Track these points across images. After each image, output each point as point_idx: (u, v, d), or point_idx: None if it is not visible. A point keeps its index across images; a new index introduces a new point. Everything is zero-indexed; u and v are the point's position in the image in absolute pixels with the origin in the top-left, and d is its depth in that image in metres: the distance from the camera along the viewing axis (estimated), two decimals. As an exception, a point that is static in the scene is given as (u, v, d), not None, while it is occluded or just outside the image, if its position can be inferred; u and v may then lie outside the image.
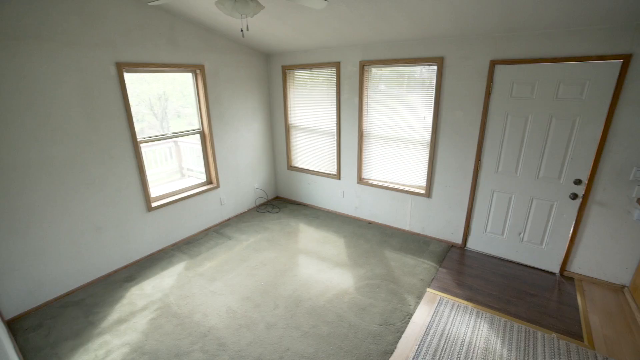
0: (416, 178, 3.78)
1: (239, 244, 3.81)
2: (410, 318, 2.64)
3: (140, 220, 3.45)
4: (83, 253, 3.06)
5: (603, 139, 2.69)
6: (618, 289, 2.96)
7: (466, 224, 3.55)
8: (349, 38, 3.48)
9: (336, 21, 3.03)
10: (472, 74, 3.09)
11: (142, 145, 3.36)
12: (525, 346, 2.35)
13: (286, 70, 4.40)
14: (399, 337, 2.46)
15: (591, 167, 2.79)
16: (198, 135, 3.99)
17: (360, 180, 4.20)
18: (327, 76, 4.08)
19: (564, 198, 2.97)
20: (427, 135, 3.53)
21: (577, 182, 2.88)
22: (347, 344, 2.40)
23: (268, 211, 4.74)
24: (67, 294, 3.01)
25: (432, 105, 3.38)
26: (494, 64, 2.96)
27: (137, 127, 3.29)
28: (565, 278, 3.14)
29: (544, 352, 2.30)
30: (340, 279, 3.14)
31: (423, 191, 3.73)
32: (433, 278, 3.14)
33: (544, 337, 2.43)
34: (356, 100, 3.88)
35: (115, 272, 3.32)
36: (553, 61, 2.72)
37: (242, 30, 1.87)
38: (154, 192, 3.66)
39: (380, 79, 3.69)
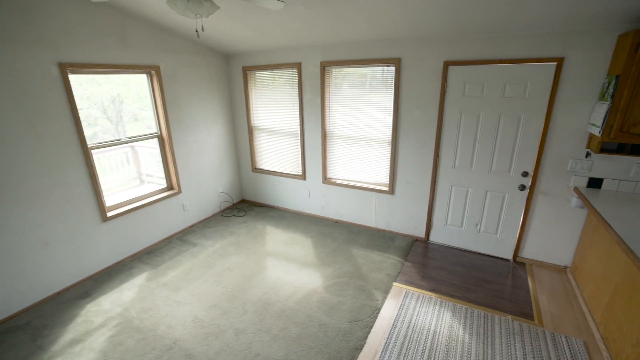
0: (379, 176, 3.88)
1: (204, 251, 3.70)
2: (378, 313, 2.71)
3: (95, 232, 3.22)
4: (28, 271, 2.80)
5: (544, 134, 2.93)
6: (562, 270, 3.24)
7: (428, 218, 3.71)
8: (309, 39, 3.50)
9: (295, 22, 3.03)
10: (427, 74, 3.23)
11: (93, 151, 3.14)
12: (484, 330, 2.51)
13: (247, 71, 4.33)
14: (368, 332, 2.51)
15: (535, 160, 3.03)
16: (156, 140, 3.81)
17: (326, 180, 4.24)
18: (288, 77, 4.07)
19: (514, 189, 3.20)
20: (388, 134, 3.64)
21: (525, 174, 3.11)
22: (318, 343, 2.41)
23: (234, 215, 4.64)
24: (10, 318, 2.74)
25: (392, 105, 3.49)
26: (447, 64, 3.12)
27: (89, 131, 3.07)
28: (517, 263, 3.38)
29: (501, 334, 2.46)
30: (308, 279, 3.15)
31: (386, 188, 3.84)
32: (399, 272, 3.24)
33: (500, 320, 2.60)
34: (318, 100, 3.91)
35: (68, 289, 3.08)
36: (499, 62, 2.92)
37: (197, 31, 1.81)
38: (109, 200, 3.44)
39: (342, 79, 3.75)
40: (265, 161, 4.75)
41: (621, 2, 2.13)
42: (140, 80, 3.58)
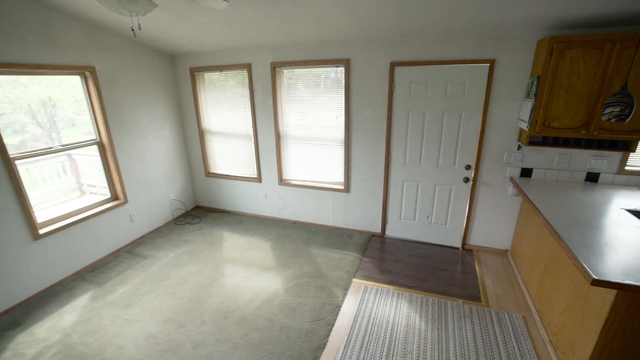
0: (335, 175, 3.94)
1: (156, 262, 3.48)
2: (339, 310, 2.75)
3: (24, 252, 2.89)
4: (-58, 303, 2.44)
5: (482, 129, 3.17)
6: (503, 253, 3.54)
7: (383, 214, 3.85)
8: (258, 39, 3.45)
9: (242, 22, 2.97)
10: (375, 74, 3.35)
11: (19, 161, 2.82)
12: (438, 316, 2.65)
13: (195, 73, 4.15)
14: (330, 330, 2.54)
15: (476, 154, 3.27)
16: (96, 147, 3.51)
17: (282, 181, 4.21)
18: (239, 78, 3.98)
19: (459, 182, 3.43)
20: (341, 134, 3.71)
21: (468, 167, 3.35)
22: (280, 347, 2.39)
23: (188, 222, 4.43)
24: None
25: (343, 105, 3.56)
26: (393, 65, 3.25)
27: (15, 139, 2.75)
28: (466, 251, 3.63)
29: (453, 318, 2.63)
30: (268, 282, 3.10)
31: (342, 187, 3.91)
32: (358, 268, 3.32)
33: (452, 305, 2.78)
34: (270, 101, 3.87)
35: (-6, 318, 2.73)
36: (440, 63, 3.11)
37: (132, 30, 1.69)
38: (42, 216, 3.11)
39: (293, 80, 3.75)
40: (219, 165, 4.60)
41: (538, 11, 2.37)
42: (75, 82, 3.28)
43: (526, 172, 3.19)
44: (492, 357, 2.26)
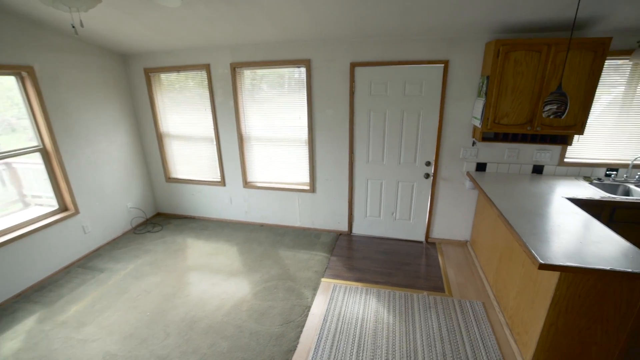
0: (300, 175, 3.93)
1: (114, 275, 3.27)
2: (309, 311, 2.74)
3: (-43, 274, 2.59)
4: None
5: (440, 127, 3.32)
6: (463, 244, 3.73)
7: (349, 212, 3.90)
8: (216, 39, 3.35)
9: (198, 21, 2.87)
10: (336, 75, 3.38)
11: (-55, 174, 2.52)
12: (405, 309, 2.73)
13: (150, 74, 3.95)
14: (300, 332, 2.53)
15: (435, 151, 3.42)
16: (39, 154, 3.23)
17: (247, 184, 4.13)
18: (198, 79, 3.85)
19: (421, 178, 3.56)
20: (304, 134, 3.71)
21: (428, 163, 3.49)
22: (250, 353, 2.34)
23: (148, 231, 4.21)
24: None
25: (306, 105, 3.56)
26: (354, 66, 3.30)
27: None
28: (429, 244, 3.77)
29: (419, 310, 2.72)
30: (236, 288, 3.03)
31: (308, 187, 3.92)
32: (326, 268, 3.34)
33: (418, 297, 2.87)
34: (232, 103, 3.78)
35: None
36: (398, 64, 3.21)
37: (73, 27, 1.57)
38: (-25, 233, 2.81)
39: (256, 80, 3.69)
40: (180, 170, 4.41)
41: (484, 16, 2.53)
42: (11, 83, 2.99)
43: (481, 167, 3.38)
44: (456, 344, 2.37)
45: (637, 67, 2.85)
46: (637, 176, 3.03)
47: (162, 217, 4.63)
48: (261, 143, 3.91)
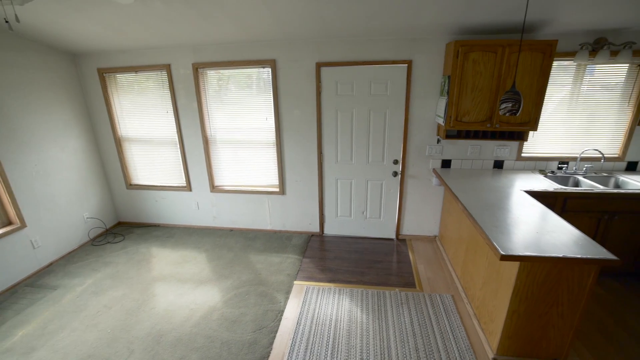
0: (269, 177, 3.87)
1: (69, 293, 3.03)
2: (282, 315, 2.69)
3: None
4: None
5: (406, 125, 3.39)
6: (432, 240, 3.83)
7: (320, 213, 3.89)
8: (176, 39, 3.21)
9: (155, 19, 2.73)
10: (302, 75, 3.35)
11: None
12: (378, 307, 2.76)
13: (104, 74, 3.72)
14: (274, 337, 2.47)
15: (402, 149, 3.48)
16: (-24, 164, 2.93)
17: (214, 188, 4.00)
18: (158, 80, 3.67)
19: (389, 176, 3.62)
20: (272, 135, 3.65)
21: (395, 162, 3.55)
22: (221, 364, 2.25)
23: (109, 242, 3.95)
24: None
25: (272, 106, 3.51)
26: (319, 66, 3.29)
27: None
28: (400, 241, 3.84)
29: (392, 307, 2.75)
30: (206, 297, 2.91)
31: (277, 189, 3.86)
32: (298, 270, 3.30)
33: (390, 294, 2.91)
34: (195, 104, 3.64)
35: None
36: (364, 64, 3.24)
37: (7, 22, 1.42)
38: None
39: (221, 81, 3.57)
40: (143, 175, 4.19)
41: (443, 17, 2.60)
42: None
43: (446, 163, 3.49)
44: (428, 338, 2.42)
45: (581, 68, 3.07)
46: (584, 168, 3.26)
47: (124, 227, 4.37)
48: (228, 145, 3.80)
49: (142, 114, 3.85)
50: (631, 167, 3.30)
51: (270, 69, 3.38)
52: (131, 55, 3.57)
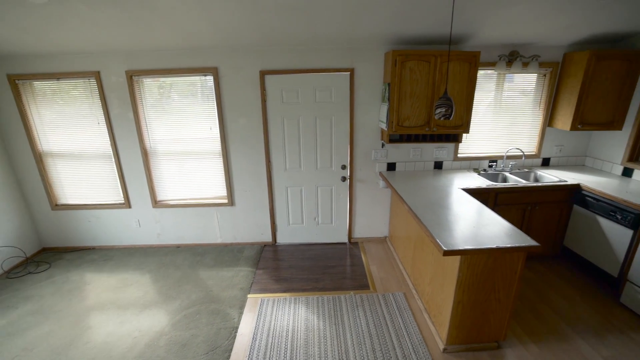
0: (217, 189, 3.71)
1: (-21, 336, 2.59)
2: (236, 332, 2.57)
3: None
4: None
5: (351, 131, 3.49)
6: (383, 240, 3.97)
7: (272, 222, 3.82)
8: (105, 43, 2.96)
9: (76, 22, 2.49)
10: (246, 83, 3.29)
11: None
12: (334, 312, 2.76)
13: (17, 81, 3.29)
14: (229, 357, 2.35)
15: (349, 154, 3.57)
16: None
17: (157, 203, 3.73)
18: (86, 88, 3.34)
19: (338, 181, 3.68)
20: (217, 145, 3.52)
21: (343, 167, 3.63)
22: (170, 394, 2.08)
23: (30, 272, 3.47)
24: None
25: (216, 115, 3.39)
26: (263, 74, 3.26)
27: None
28: (352, 244, 3.92)
29: (348, 311, 2.78)
30: (151, 322, 2.68)
31: (226, 200, 3.72)
32: (252, 283, 3.19)
33: (345, 298, 2.94)
34: (131, 115, 3.38)
35: None
36: (308, 72, 3.27)
37: None
38: None
39: (161, 90, 3.36)
40: (72, 194, 3.76)
41: (380, 28, 2.74)
42: None
43: (391, 166, 3.65)
44: (383, 337, 2.48)
45: (501, 76, 3.43)
46: (510, 165, 3.63)
47: (50, 253, 3.87)
48: (171, 157, 3.58)
49: (69, 126, 3.47)
50: (545, 163, 3.75)
51: (212, 77, 3.26)
52: (51, 60, 3.21)
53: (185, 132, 3.48)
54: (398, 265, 3.44)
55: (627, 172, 3.27)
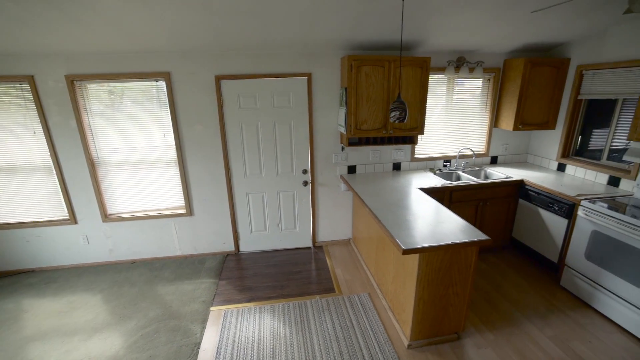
0: (174, 199, 3.54)
1: None
2: (199, 348, 2.46)
3: None
4: None
5: (311, 136, 3.50)
6: (347, 243, 4.01)
7: (234, 230, 3.71)
8: (39, 45, 2.71)
9: (1, 20, 2.26)
10: (201, 88, 3.19)
11: None
12: (300, 318, 2.74)
13: None
14: (190, 375, 2.23)
15: (310, 158, 3.58)
16: None
17: (107, 217, 3.47)
18: (18, 94, 3.03)
19: (300, 186, 3.67)
20: (173, 153, 3.36)
21: (304, 171, 3.62)
22: (126, 422, 1.93)
23: (-45, 303, 3.06)
24: None
25: (170, 122, 3.24)
26: (219, 79, 3.17)
27: None
28: (317, 248, 3.92)
29: (314, 315, 2.76)
30: (102, 346, 2.48)
31: (184, 210, 3.55)
32: (215, 294, 3.07)
33: (311, 303, 2.92)
34: (74, 123, 3.12)
35: None
36: (265, 77, 3.24)
37: None
38: None
39: (109, 96, 3.14)
40: (5, 211, 3.38)
41: (334, 34, 2.79)
42: None
43: (352, 169, 3.71)
44: (350, 339, 2.49)
45: (451, 80, 3.63)
46: (462, 164, 3.85)
47: (-20, 279, 3.45)
48: (122, 167, 3.35)
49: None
50: (494, 161, 4.02)
51: (164, 82, 3.12)
52: (-25, 64, 2.89)
53: (138, 140, 3.28)
54: (362, 266, 3.49)
55: (561, 167, 3.61)
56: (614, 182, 3.08)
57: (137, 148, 3.31)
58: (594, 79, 3.21)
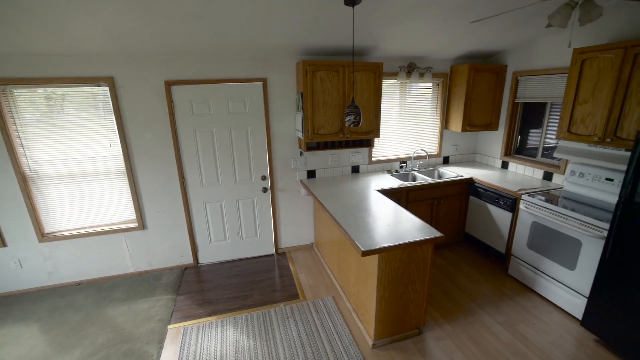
0: (124, 212, 3.30)
1: None
2: (155, 371, 2.30)
3: None
4: None
5: (269, 141, 3.45)
6: (310, 247, 4.00)
7: (191, 242, 3.54)
8: (-47, 48, 2.40)
9: None
10: (150, 94, 3.02)
11: None
12: (265, 328, 2.67)
13: None
14: (146, 402, 2.08)
15: (268, 164, 3.53)
16: None
17: (45, 236, 3.15)
18: None
19: (259, 193, 3.60)
20: (120, 164, 3.14)
21: (263, 178, 3.56)
22: None
23: None
24: None
25: (116, 130, 3.02)
26: (169, 84, 3.03)
27: None
28: (280, 255, 3.86)
29: (279, 324, 2.71)
30: (42, 382, 2.23)
31: (136, 224, 3.33)
32: (172, 311, 2.90)
33: (275, 311, 2.87)
34: None
35: None
36: (219, 82, 3.15)
37: None
38: None
39: (46, 102, 2.85)
40: None
41: (288, 39, 2.79)
42: None
43: (311, 174, 3.72)
44: (316, 344, 2.48)
45: (404, 85, 3.79)
46: (417, 165, 4.02)
47: None
48: (62, 180, 3.06)
49: None
50: (446, 161, 4.25)
51: (107, 88, 2.90)
52: None
53: (80, 150, 3.02)
54: (326, 270, 3.50)
55: (504, 165, 3.91)
56: (548, 176, 3.40)
57: (78, 159, 3.04)
58: (527, 84, 3.53)
